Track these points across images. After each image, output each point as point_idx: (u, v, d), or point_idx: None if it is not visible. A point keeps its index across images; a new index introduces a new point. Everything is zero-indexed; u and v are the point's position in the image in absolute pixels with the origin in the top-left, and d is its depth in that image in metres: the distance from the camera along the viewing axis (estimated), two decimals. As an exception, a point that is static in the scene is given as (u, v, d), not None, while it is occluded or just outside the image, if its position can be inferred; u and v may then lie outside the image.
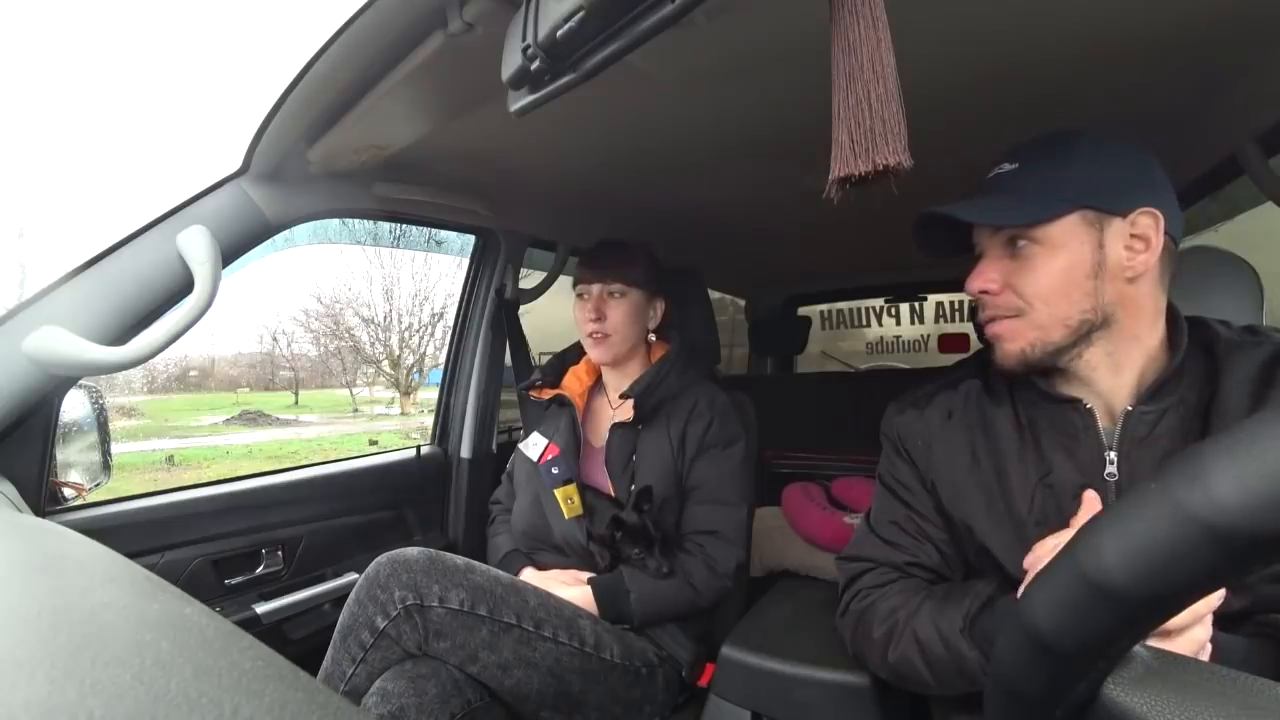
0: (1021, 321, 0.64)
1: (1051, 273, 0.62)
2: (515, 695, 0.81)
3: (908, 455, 0.76)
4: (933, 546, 0.73)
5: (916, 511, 0.74)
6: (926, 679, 0.66)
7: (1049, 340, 0.63)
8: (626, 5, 0.44)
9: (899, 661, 0.68)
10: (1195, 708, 0.26)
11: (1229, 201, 1.21)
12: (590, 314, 1.05)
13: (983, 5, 0.63)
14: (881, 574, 0.75)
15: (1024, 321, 0.64)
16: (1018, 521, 0.65)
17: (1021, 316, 0.64)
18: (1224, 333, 0.62)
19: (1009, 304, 0.65)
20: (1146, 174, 0.62)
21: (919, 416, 0.76)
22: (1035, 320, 0.63)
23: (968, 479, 0.70)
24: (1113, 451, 0.62)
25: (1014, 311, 0.65)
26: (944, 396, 0.75)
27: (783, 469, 1.87)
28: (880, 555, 0.75)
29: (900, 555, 0.74)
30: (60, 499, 0.82)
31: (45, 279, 0.76)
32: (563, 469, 1.03)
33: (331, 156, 0.87)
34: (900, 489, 0.76)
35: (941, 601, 0.67)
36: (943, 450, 0.72)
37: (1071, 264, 0.61)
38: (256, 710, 0.19)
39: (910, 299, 2.86)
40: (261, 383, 9.81)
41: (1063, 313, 0.62)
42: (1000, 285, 0.65)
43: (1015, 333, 0.65)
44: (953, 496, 0.71)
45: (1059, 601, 0.29)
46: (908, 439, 0.76)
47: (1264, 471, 0.23)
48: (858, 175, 0.39)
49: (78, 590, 0.30)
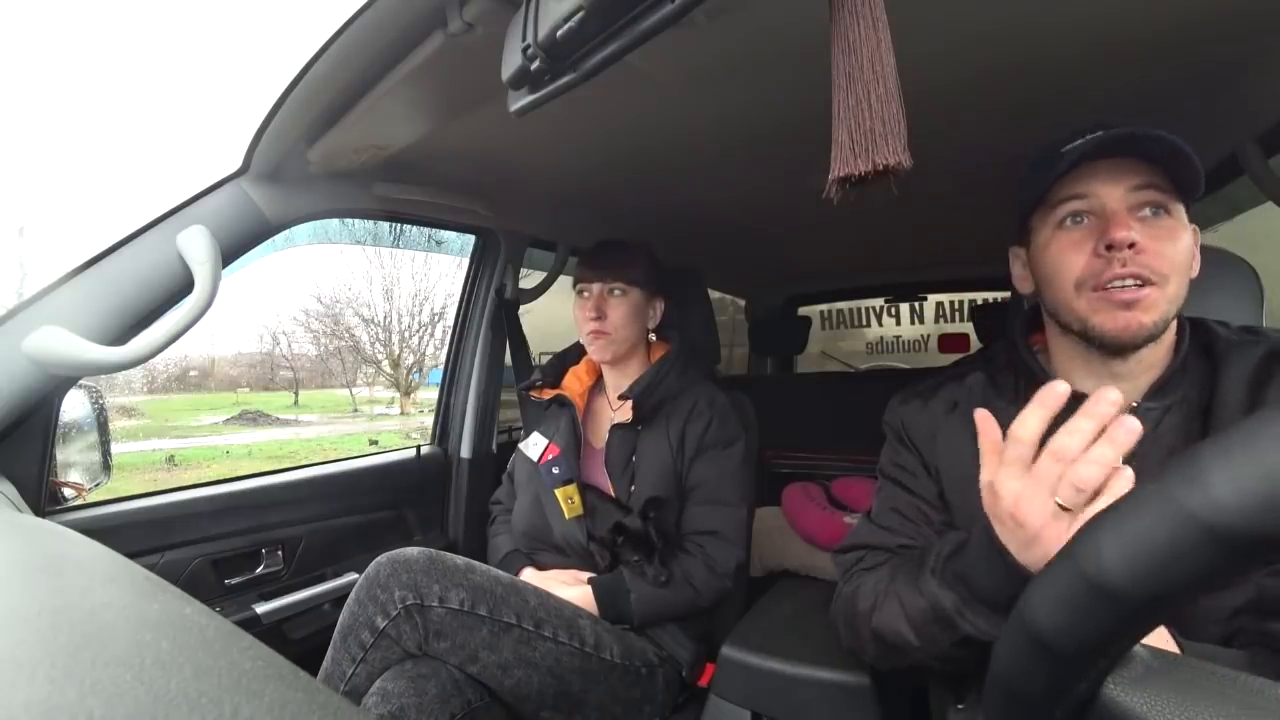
0: (1158, 291, 0.59)
1: (1185, 249, 0.60)
2: (515, 695, 0.81)
3: (911, 443, 0.75)
4: (930, 529, 0.73)
5: (919, 496, 0.74)
6: (909, 638, 0.64)
7: (1169, 319, 0.60)
8: (626, 5, 0.44)
9: (880, 624, 0.67)
10: (1195, 708, 0.26)
11: (1229, 201, 1.21)
12: (591, 312, 1.06)
13: (982, 5, 0.63)
14: (874, 557, 0.74)
15: (1160, 292, 0.59)
16: None
17: (1159, 286, 0.59)
18: (1223, 333, 0.63)
19: (1155, 266, 0.59)
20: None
21: (923, 407, 0.75)
22: (1170, 292, 0.59)
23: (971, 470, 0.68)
24: None
25: (1155, 277, 0.59)
26: (949, 389, 0.75)
27: (783, 469, 1.87)
28: (874, 540, 0.75)
29: (894, 539, 0.73)
30: (60, 499, 0.82)
31: (45, 279, 0.76)
32: (563, 469, 1.03)
33: (331, 156, 0.87)
34: (903, 475, 0.76)
35: (917, 564, 0.66)
36: (946, 439, 0.72)
37: (1191, 250, 0.61)
38: (256, 710, 0.19)
39: (910, 299, 2.86)
40: (261, 383, 9.82)
41: (1180, 295, 0.59)
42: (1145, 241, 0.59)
43: (1153, 302, 0.59)
44: (955, 485, 0.71)
45: (1059, 601, 0.29)
46: (911, 427, 0.76)
47: (1262, 471, 0.23)
48: (858, 175, 0.39)
49: (78, 590, 0.30)
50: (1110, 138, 0.59)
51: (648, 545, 0.96)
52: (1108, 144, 0.59)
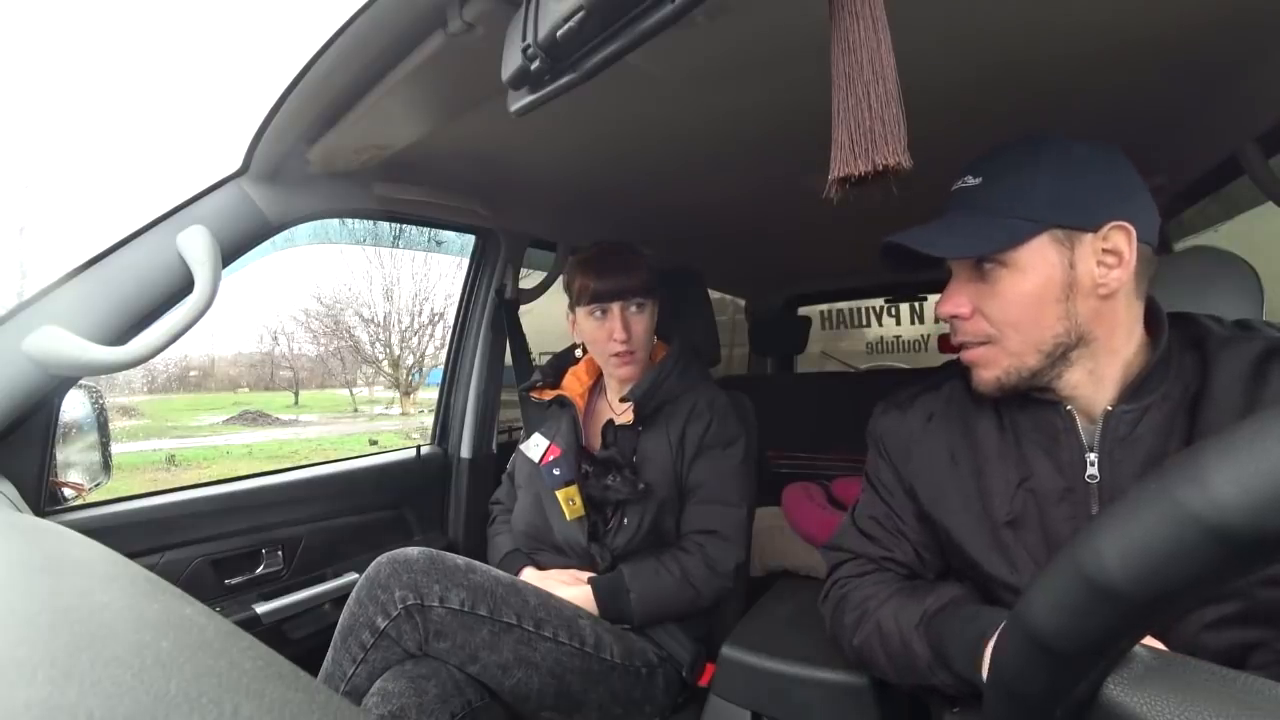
0: (994, 349, 0.62)
1: (1021, 298, 0.60)
2: (515, 695, 0.81)
3: (888, 458, 0.76)
4: (909, 545, 0.74)
5: (895, 513, 0.75)
6: (885, 668, 0.68)
7: (1024, 366, 0.61)
8: (626, 5, 0.44)
9: (862, 646, 0.70)
10: (1195, 708, 0.26)
11: (1229, 201, 1.21)
12: (619, 334, 1.02)
13: (982, 5, 0.63)
14: (859, 565, 0.76)
15: (996, 349, 0.62)
16: (994, 523, 0.65)
17: (993, 344, 0.62)
18: (1215, 328, 0.61)
19: (979, 330, 0.63)
20: (1117, 179, 0.60)
21: (900, 419, 0.75)
22: (1008, 347, 0.61)
23: (947, 480, 0.69)
24: (1093, 453, 0.61)
25: (985, 338, 0.62)
26: (926, 398, 0.75)
27: (783, 469, 1.87)
28: (859, 547, 0.77)
29: (877, 549, 0.75)
30: (60, 499, 0.81)
31: (45, 279, 0.76)
32: (564, 470, 1.03)
33: (331, 156, 0.87)
34: (881, 489, 0.77)
35: (908, 597, 0.68)
36: (922, 453, 0.72)
37: (1041, 287, 0.59)
38: (256, 710, 0.19)
39: (910, 299, 2.86)
40: (261, 383, 9.82)
41: (1035, 338, 0.60)
42: (970, 309, 0.63)
43: (989, 360, 0.63)
44: (932, 499, 0.71)
45: (1059, 601, 0.29)
46: (888, 441, 0.76)
47: (1263, 471, 0.23)
48: (857, 175, 0.39)
49: (78, 590, 0.30)
50: (886, 244, 0.65)
51: (614, 465, 0.99)
52: (894, 256, 0.65)
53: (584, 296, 1.04)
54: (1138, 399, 0.60)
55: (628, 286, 1.03)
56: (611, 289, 1.03)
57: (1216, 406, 0.56)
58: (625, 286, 1.03)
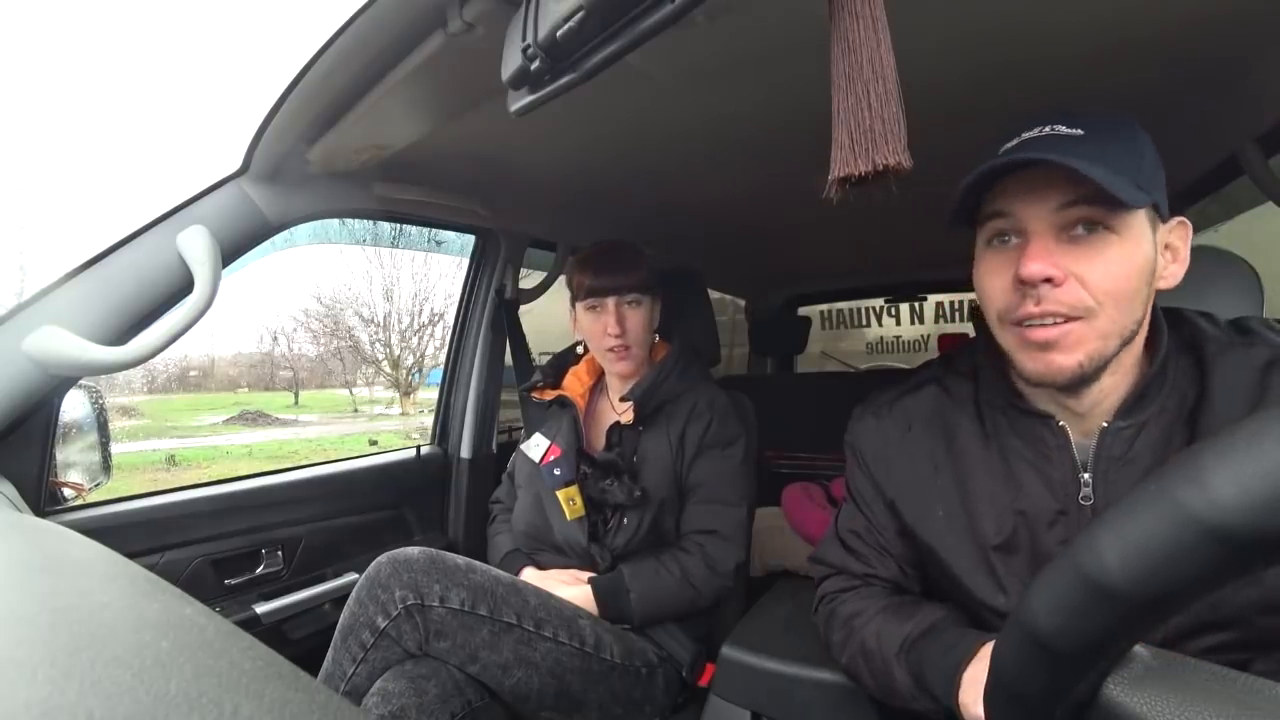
0: (1084, 326, 0.52)
1: (1129, 268, 0.52)
2: (515, 695, 0.81)
3: (867, 468, 0.72)
4: (893, 560, 0.71)
5: (876, 527, 0.72)
6: (871, 688, 0.68)
7: (1106, 352, 0.53)
8: (626, 5, 0.44)
9: (849, 663, 0.70)
10: (1195, 708, 0.26)
11: (1229, 201, 1.21)
12: (613, 329, 1.03)
13: (982, 5, 0.63)
14: (843, 580, 0.75)
15: (1087, 326, 0.52)
16: (982, 544, 0.62)
17: (1086, 319, 0.52)
18: (1212, 332, 0.57)
19: (1075, 301, 0.52)
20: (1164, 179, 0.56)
21: (877, 426, 0.72)
22: (1100, 326, 0.52)
23: (931, 495, 0.66)
24: (1087, 473, 0.57)
25: (1080, 311, 0.52)
26: (905, 402, 0.71)
27: (783, 469, 1.87)
28: (841, 563, 0.75)
29: (860, 566, 0.73)
30: (60, 499, 0.82)
31: (45, 278, 0.76)
32: (565, 470, 1.03)
33: (331, 156, 0.87)
34: (861, 501, 0.73)
35: (891, 616, 0.66)
36: (903, 464, 0.68)
37: (1146, 262, 0.53)
38: (256, 710, 0.19)
39: (910, 299, 2.86)
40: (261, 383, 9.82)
41: (1126, 320, 0.53)
42: (1063, 274, 0.52)
43: (1076, 340, 0.53)
44: (915, 513, 0.67)
45: (1059, 601, 0.29)
46: (865, 450, 0.72)
47: (1263, 471, 0.23)
48: (858, 175, 0.39)
49: (78, 590, 0.30)
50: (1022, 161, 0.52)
51: (615, 469, 0.99)
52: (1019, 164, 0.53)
53: (581, 292, 1.07)
54: (1134, 414, 0.56)
55: (623, 282, 1.05)
56: (607, 284, 1.05)
57: (1218, 421, 0.53)
58: (621, 282, 1.05)
